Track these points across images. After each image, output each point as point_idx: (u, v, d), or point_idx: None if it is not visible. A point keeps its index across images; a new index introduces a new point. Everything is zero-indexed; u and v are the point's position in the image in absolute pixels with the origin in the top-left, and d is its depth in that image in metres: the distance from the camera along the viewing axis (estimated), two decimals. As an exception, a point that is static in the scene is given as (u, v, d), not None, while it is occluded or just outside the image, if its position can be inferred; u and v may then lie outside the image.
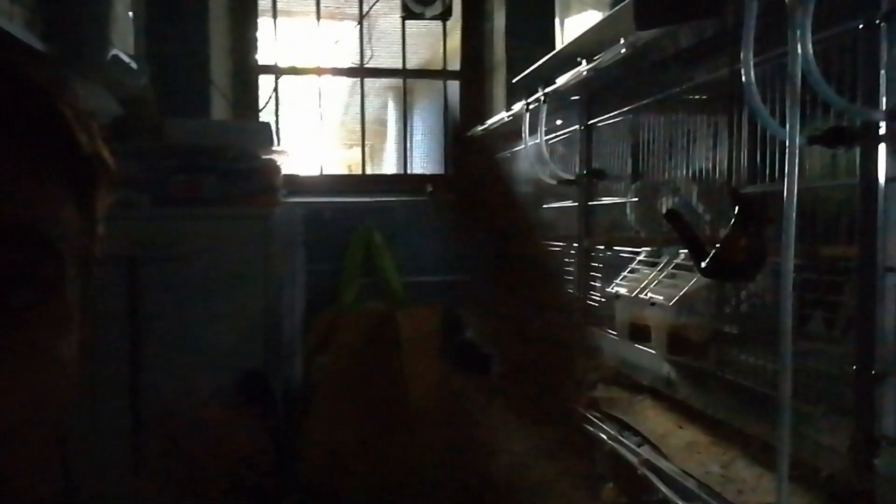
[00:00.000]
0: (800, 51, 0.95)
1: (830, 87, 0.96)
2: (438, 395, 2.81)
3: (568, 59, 1.92)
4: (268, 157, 2.66)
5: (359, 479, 2.87)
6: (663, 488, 1.22)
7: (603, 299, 1.81)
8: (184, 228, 2.40)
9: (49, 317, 0.47)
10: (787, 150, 0.97)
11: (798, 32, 0.96)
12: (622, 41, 1.43)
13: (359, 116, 5.81)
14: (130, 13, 2.21)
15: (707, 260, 0.96)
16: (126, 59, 2.08)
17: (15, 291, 0.44)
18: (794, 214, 0.95)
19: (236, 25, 3.27)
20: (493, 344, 0.52)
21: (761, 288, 1.35)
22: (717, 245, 0.94)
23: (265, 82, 3.37)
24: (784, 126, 1.02)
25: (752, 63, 1.02)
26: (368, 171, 3.97)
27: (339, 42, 3.57)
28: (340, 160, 6.87)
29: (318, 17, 3.41)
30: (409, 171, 3.55)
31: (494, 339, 0.49)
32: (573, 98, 1.95)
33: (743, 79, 1.01)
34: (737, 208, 0.94)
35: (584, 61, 1.64)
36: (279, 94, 3.34)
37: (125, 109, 2.37)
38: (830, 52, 1.02)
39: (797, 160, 0.98)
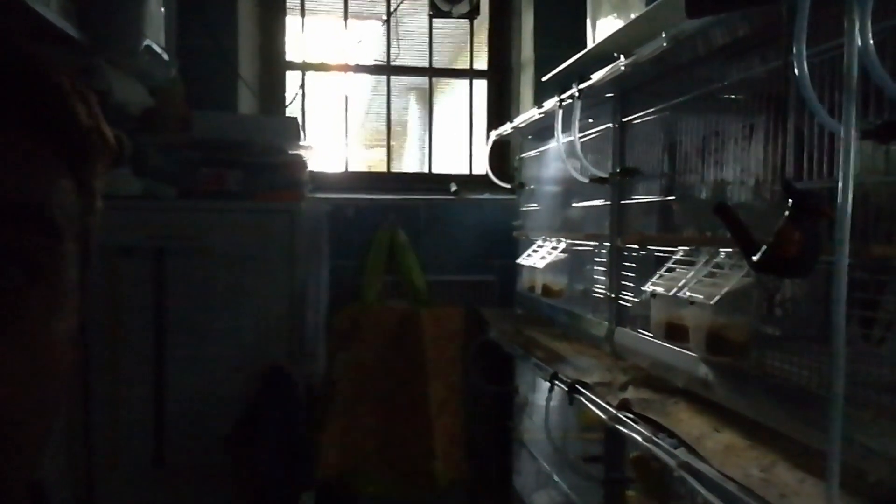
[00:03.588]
0: (858, 41, 0.92)
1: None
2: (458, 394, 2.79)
3: (600, 57, 1.90)
4: (294, 152, 2.66)
5: (373, 477, 2.86)
6: (703, 491, 1.19)
7: (636, 299, 1.78)
8: (210, 221, 2.40)
9: (44, 297, 0.45)
10: (841, 145, 0.94)
11: (856, 22, 0.93)
12: (663, 35, 1.40)
13: (380, 117, 5.81)
14: (162, 7, 2.21)
15: (759, 254, 0.93)
16: (158, 50, 2.08)
17: (7, 271, 0.42)
18: (850, 211, 0.92)
19: (264, 21, 3.27)
20: None
21: (798, 287, 1.32)
22: (772, 239, 0.92)
23: (291, 79, 3.37)
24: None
25: (804, 54, 0.99)
26: (376, 171, 3.97)
27: (361, 41, 3.56)
28: (361, 160, 6.87)
29: (346, 16, 3.40)
30: (432, 170, 3.53)
31: None
32: (607, 95, 1.93)
33: (795, 71, 0.99)
34: (791, 202, 0.91)
35: (622, 56, 1.61)
36: (305, 91, 3.34)
37: (154, 101, 2.37)
38: (885, 44, 1.00)
39: (852, 155, 0.95)
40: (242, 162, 2.52)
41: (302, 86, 3.31)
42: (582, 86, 1.85)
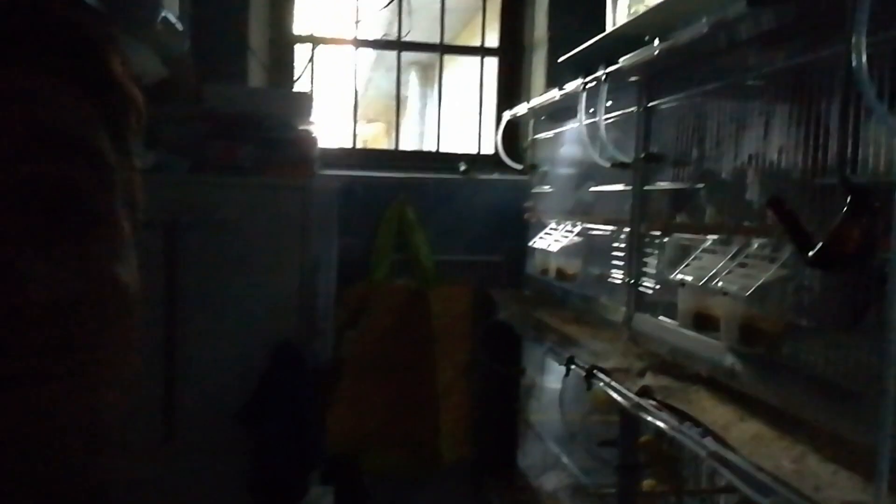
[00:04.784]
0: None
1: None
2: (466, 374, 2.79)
3: (621, 39, 1.88)
4: (305, 127, 2.63)
5: (379, 454, 2.87)
6: (736, 481, 1.19)
7: (658, 286, 1.77)
8: (222, 195, 2.38)
9: (105, 242, 0.44)
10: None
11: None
12: (704, 20, 1.38)
13: (379, 92, 5.73)
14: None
15: (816, 249, 0.92)
16: (173, 20, 2.05)
17: (71, 208, 0.42)
18: (906, 206, 0.91)
19: (274, -7, 3.22)
20: None
21: (828, 278, 1.32)
22: (829, 234, 0.91)
23: (299, 52, 3.33)
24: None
25: (864, 45, 0.97)
26: (385, 148, 3.93)
27: (361, 21, 3.50)
28: (357, 135, 6.83)
29: (356, -12, 3.36)
30: (440, 149, 3.50)
31: None
32: (632, 79, 1.91)
33: (853, 62, 0.97)
34: (849, 198, 0.90)
35: (657, 40, 1.59)
36: (314, 65, 3.30)
37: (167, 72, 2.33)
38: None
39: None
40: (254, 136, 2.50)
41: (311, 60, 3.27)
42: (610, 69, 1.83)
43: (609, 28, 2.21)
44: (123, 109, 0.50)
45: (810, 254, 0.93)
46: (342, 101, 3.54)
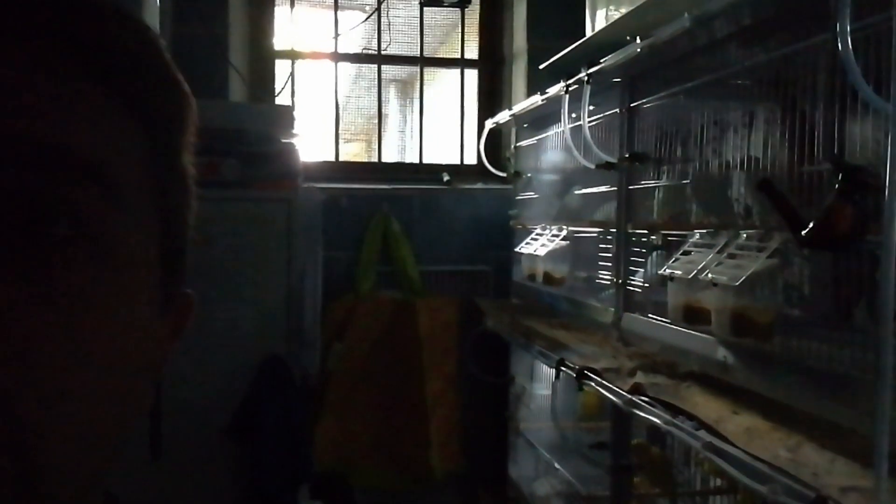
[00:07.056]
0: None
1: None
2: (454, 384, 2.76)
3: (601, 44, 1.89)
4: (288, 141, 2.63)
5: (369, 469, 2.84)
6: (733, 472, 1.19)
7: (646, 284, 1.78)
8: (205, 210, 2.33)
9: (94, 257, 0.37)
10: (891, 124, 0.94)
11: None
12: (686, 15, 1.39)
13: (359, 111, 5.74)
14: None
15: (808, 229, 0.93)
16: (154, 34, 2.04)
17: (53, 222, 0.36)
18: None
19: (254, 9, 3.22)
20: None
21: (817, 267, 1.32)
22: (821, 213, 0.91)
23: (279, 67, 3.33)
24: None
25: (848, 31, 0.98)
26: (368, 161, 3.93)
27: (343, 34, 3.51)
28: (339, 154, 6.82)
29: (336, 5, 3.36)
30: (423, 160, 3.51)
31: None
32: (614, 80, 1.92)
33: (839, 48, 0.98)
34: (840, 176, 0.91)
35: (638, 38, 1.60)
36: (294, 80, 3.30)
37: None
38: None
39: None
40: (237, 151, 2.49)
41: (291, 75, 3.28)
42: (591, 70, 1.84)
43: (588, 35, 2.23)
44: (173, 117, 0.43)
45: (803, 233, 0.93)
46: (323, 116, 3.53)
